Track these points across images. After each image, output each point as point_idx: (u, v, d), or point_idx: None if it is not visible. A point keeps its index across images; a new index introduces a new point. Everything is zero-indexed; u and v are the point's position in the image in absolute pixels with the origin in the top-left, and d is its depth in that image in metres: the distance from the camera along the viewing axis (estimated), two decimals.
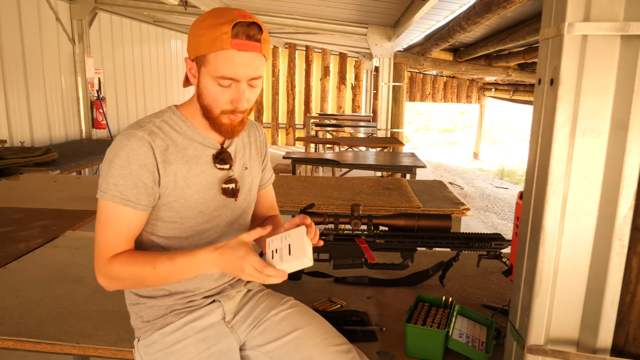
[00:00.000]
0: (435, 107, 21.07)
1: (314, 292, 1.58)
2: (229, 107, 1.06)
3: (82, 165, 4.34)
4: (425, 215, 1.50)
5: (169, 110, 1.14)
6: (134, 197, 1.04)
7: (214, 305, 1.18)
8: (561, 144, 0.89)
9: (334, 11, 5.87)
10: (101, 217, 1.06)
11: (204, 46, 1.01)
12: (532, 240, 0.99)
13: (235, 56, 1.00)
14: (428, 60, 7.64)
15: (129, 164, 1.03)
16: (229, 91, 1.04)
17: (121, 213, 1.04)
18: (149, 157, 1.04)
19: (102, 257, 1.05)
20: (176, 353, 1.11)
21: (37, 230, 2.15)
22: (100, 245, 1.06)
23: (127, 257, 1.04)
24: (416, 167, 4.28)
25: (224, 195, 1.15)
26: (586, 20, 0.85)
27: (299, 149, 10.18)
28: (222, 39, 0.99)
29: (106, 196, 1.03)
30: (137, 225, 1.08)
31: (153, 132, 1.07)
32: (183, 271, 1.03)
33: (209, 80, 1.04)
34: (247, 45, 1.01)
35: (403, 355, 1.23)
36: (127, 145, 1.03)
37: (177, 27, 8.97)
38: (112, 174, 1.03)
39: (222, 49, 1.00)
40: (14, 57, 4.98)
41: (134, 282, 1.07)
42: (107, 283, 1.07)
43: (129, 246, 1.08)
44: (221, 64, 1.01)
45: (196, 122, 1.13)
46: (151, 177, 1.05)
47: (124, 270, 1.04)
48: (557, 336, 0.97)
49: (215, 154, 1.14)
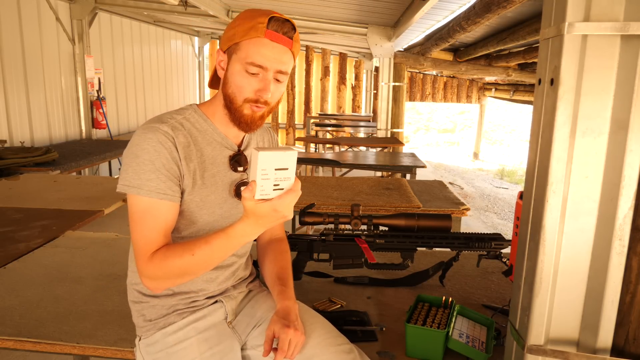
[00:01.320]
0: (435, 107, 21.07)
1: (314, 292, 1.58)
2: (253, 96, 1.07)
3: (82, 165, 4.34)
4: (425, 215, 1.50)
5: (191, 108, 1.14)
6: (170, 190, 1.04)
7: (217, 306, 1.18)
8: (561, 144, 0.89)
9: (334, 11, 5.87)
10: (137, 215, 1.03)
11: (239, 34, 1.04)
12: (532, 240, 0.99)
13: (267, 45, 1.03)
14: (428, 60, 7.64)
15: (159, 157, 1.03)
16: (256, 80, 1.05)
17: (158, 207, 1.03)
18: (174, 152, 1.05)
19: (143, 257, 1.02)
20: (178, 353, 1.11)
21: (37, 230, 2.15)
22: (139, 245, 1.03)
23: (164, 252, 1.02)
24: (416, 167, 4.28)
25: (237, 197, 1.16)
26: (586, 20, 0.85)
27: (299, 149, 10.18)
28: (257, 28, 1.02)
29: (142, 192, 1.01)
30: (174, 217, 1.07)
31: (175, 127, 1.07)
32: (222, 249, 1.00)
33: (237, 66, 1.05)
34: (279, 38, 1.04)
35: (403, 355, 1.23)
36: (154, 138, 1.03)
37: (177, 27, 8.97)
38: (142, 169, 1.02)
39: (256, 37, 1.03)
40: (14, 57, 4.98)
41: (178, 275, 1.03)
42: (154, 284, 1.04)
43: (167, 240, 1.06)
44: (252, 51, 1.03)
45: (217, 122, 1.14)
46: (178, 170, 1.06)
47: (165, 266, 1.01)
48: (557, 336, 0.97)
49: (231, 156, 1.15)
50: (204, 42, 10.48)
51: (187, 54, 9.89)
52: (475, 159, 12.53)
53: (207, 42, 10.55)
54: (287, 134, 11.21)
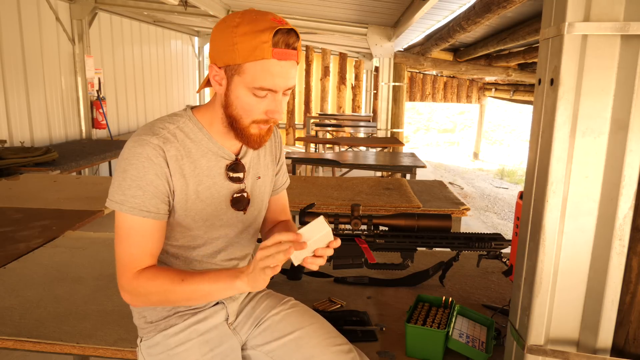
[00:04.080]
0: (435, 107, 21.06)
1: (314, 292, 1.58)
2: (263, 117, 1.02)
3: (82, 165, 4.34)
4: (425, 215, 1.50)
5: (185, 114, 1.08)
6: (154, 208, 1.01)
7: (218, 307, 1.18)
8: (561, 144, 0.89)
9: (334, 11, 5.87)
10: (121, 231, 1.01)
11: (241, 55, 0.95)
12: (532, 240, 0.99)
13: (275, 66, 0.95)
14: (428, 60, 7.63)
15: (145, 173, 0.99)
16: (265, 101, 1.00)
17: (143, 225, 1.01)
18: (164, 167, 1.01)
19: (127, 273, 1.01)
20: (179, 355, 1.10)
21: (37, 230, 2.15)
22: (123, 261, 1.01)
23: (153, 273, 1.01)
24: (416, 167, 4.28)
25: (234, 208, 1.13)
26: (586, 20, 0.85)
27: (299, 149, 10.17)
28: (263, 48, 0.93)
29: (124, 208, 0.99)
30: (160, 237, 1.05)
31: (168, 139, 1.02)
32: (213, 289, 0.99)
33: (243, 90, 0.98)
34: (286, 54, 0.96)
35: (403, 355, 1.23)
36: (142, 153, 0.99)
37: (177, 27, 8.97)
38: (128, 185, 0.99)
39: (262, 59, 0.94)
40: (14, 57, 4.98)
41: (160, 297, 1.02)
42: (131, 300, 1.03)
43: (153, 261, 1.04)
44: (260, 75, 0.96)
45: (213, 130, 1.08)
46: (167, 186, 1.02)
47: (151, 285, 1.00)
48: (557, 336, 0.97)
49: (228, 165, 1.11)
50: (204, 42, 10.48)
51: (187, 54, 9.88)
52: (475, 159, 12.53)
53: (207, 42, 10.52)
54: (287, 134, 11.21)
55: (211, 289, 0.99)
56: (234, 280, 0.96)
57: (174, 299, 1.02)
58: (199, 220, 1.09)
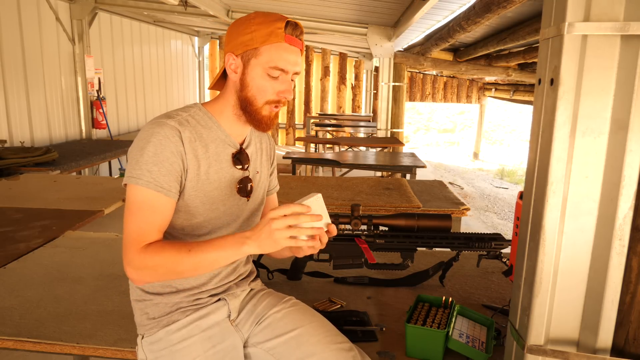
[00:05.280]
0: (435, 107, 21.07)
1: (314, 292, 1.58)
2: (275, 97, 1.12)
3: (82, 165, 4.34)
4: (425, 215, 1.50)
5: (195, 106, 1.17)
6: (167, 184, 1.05)
7: (220, 304, 1.19)
8: (561, 144, 0.89)
9: (334, 11, 5.87)
10: (132, 206, 1.04)
11: (258, 39, 1.08)
12: (532, 240, 0.99)
13: (288, 49, 1.09)
14: (428, 60, 7.63)
15: (162, 150, 1.04)
16: (276, 82, 1.11)
17: (155, 200, 1.04)
18: (180, 146, 1.07)
19: (134, 247, 1.02)
20: (181, 351, 1.11)
21: (37, 230, 2.15)
22: (131, 235, 1.03)
23: (161, 244, 1.03)
24: (416, 167, 4.28)
25: (239, 194, 1.19)
26: (586, 20, 0.85)
27: (299, 149, 10.17)
28: (277, 33, 1.08)
29: (141, 182, 1.02)
30: (169, 214, 1.08)
31: (182, 122, 1.09)
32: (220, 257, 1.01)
33: (259, 71, 1.09)
34: (295, 41, 1.11)
35: (403, 355, 1.23)
36: (160, 132, 1.05)
37: (177, 27, 8.97)
38: (145, 161, 1.03)
39: (277, 42, 1.08)
40: (14, 57, 4.98)
41: (168, 270, 1.02)
42: (137, 275, 1.03)
43: (160, 236, 1.06)
44: (275, 55, 1.08)
45: (222, 120, 1.17)
46: (181, 165, 1.07)
47: (158, 258, 1.01)
48: (557, 336, 0.97)
49: (234, 154, 1.18)
50: (204, 42, 10.48)
51: (187, 54, 9.88)
52: (475, 159, 12.53)
53: (207, 42, 10.55)
54: (287, 134, 11.21)
55: (218, 256, 1.01)
56: (241, 246, 1.00)
57: (181, 269, 1.02)
58: (206, 202, 1.13)
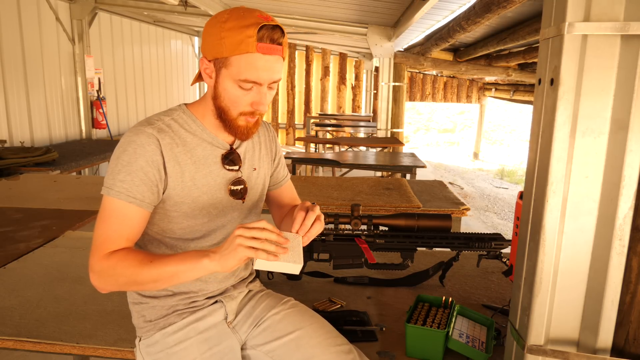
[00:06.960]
0: (435, 107, 21.06)
1: (314, 292, 1.58)
2: (249, 109, 1.06)
3: (82, 165, 4.34)
4: (425, 215, 1.50)
5: (179, 109, 1.13)
6: (140, 194, 1.02)
7: (217, 306, 1.18)
8: (561, 144, 0.89)
9: (334, 11, 5.87)
10: (103, 213, 1.03)
11: (227, 48, 1.00)
12: (532, 240, 0.99)
13: (260, 60, 1.00)
14: (428, 60, 7.63)
15: (136, 159, 1.02)
16: (250, 94, 1.04)
17: (126, 210, 1.02)
18: (157, 155, 1.03)
19: (97, 253, 1.00)
20: (178, 353, 1.11)
21: (37, 230, 2.15)
22: (97, 241, 1.01)
23: (124, 253, 1.00)
24: (416, 167, 4.28)
25: (232, 196, 1.15)
26: (586, 20, 0.85)
27: (299, 149, 10.17)
28: (248, 42, 0.99)
29: (112, 192, 1.01)
30: (140, 225, 1.05)
31: (162, 129, 1.06)
32: (180, 270, 0.97)
33: (229, 82, 1.03)
34: (270, 49, 1.01)
35: (403, 355, 1.23)
36: (135, 141, 1.02)
37: (177, 27, 8.97)
38: (118, 170, 1.02)
39: (247, 52, 0.99)
40: (14, 57, 4.98)
41: (128, 280, 0.99)
42: (98, 281, 1.01)
43: (127, 245, 1.04)
44: (245, 67, 1.00)
45: (206, 122, 1.12)
46: (157, 175, 1.04)
47: (120, 266, 0.98)
48: (557, 336, 0.97)
49: (224, 155, 1.14)
50: None
51: (187, 54, 9.88)
52: (475, 159, 12.53)
53: None
54: (287, 134, 11.21)
55: (177, 270, 0.96)
56: (201, 259, 0.95)
57: (141, 280, 0.99)
58: (195, 208, 1.10)
